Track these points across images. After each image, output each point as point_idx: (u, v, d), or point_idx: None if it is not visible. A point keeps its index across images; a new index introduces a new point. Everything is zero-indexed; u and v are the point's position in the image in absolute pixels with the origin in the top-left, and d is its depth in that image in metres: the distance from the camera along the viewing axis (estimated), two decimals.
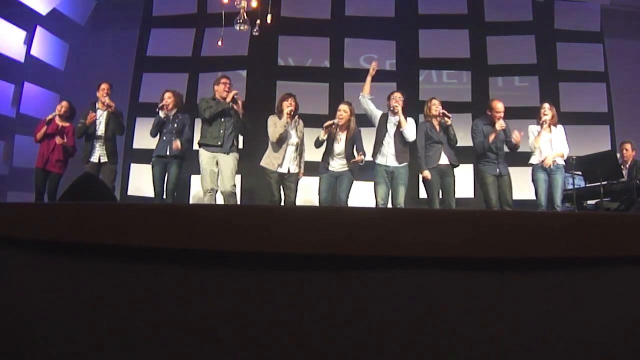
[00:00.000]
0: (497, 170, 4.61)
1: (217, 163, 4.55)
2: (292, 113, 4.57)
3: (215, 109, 4.55)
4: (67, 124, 5.18)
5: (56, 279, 1.11)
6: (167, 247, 1.04)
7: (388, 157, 4.61)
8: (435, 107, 4.66)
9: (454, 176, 4.64)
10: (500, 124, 4.59)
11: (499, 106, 4.67)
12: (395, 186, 4.59)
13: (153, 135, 4.87)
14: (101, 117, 4.96)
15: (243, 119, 4.67)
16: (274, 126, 4.56)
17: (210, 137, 4.56)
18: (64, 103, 5.24)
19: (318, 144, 4.66)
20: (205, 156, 4.57)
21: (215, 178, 4.57)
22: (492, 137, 4.60)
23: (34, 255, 1.13)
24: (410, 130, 4.64)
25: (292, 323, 0.99)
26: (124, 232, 1.06)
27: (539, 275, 1.00)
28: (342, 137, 4.65)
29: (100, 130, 4.94)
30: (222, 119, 4.60)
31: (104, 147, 4.93)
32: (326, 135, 4.58)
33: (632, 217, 1.05)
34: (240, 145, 5.02)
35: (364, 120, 4.90)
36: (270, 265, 1.02)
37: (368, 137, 4.91)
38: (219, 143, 4.55)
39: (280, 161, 4.55)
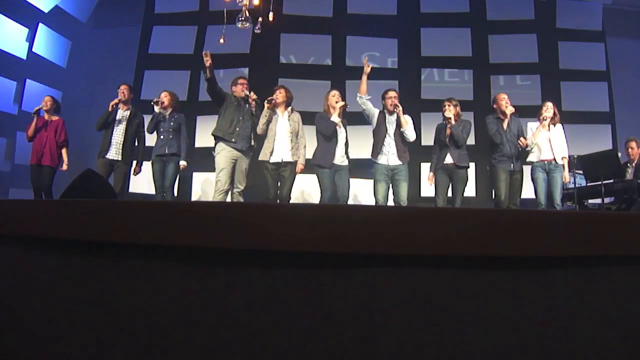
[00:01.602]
0: (512, 166, 4.63)
1: (235, 163, 4.57)
2: (272, 102, 4.52)
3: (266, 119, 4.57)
4: (55, 118, 5.18)
5: (56, 277, 1.11)
6: (169, 245, 1.04)
7: (390, 157, 4.60)
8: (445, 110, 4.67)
9: (464, 176, 4.63)
10: (510, 109, 4.67)
11: (502, 95, 4.83)
12: (397, 183, 4.58)
13: (150, 131, 4.94)
14: (123, 118, 4.96)
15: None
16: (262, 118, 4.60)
17: (239, 138, 4.57)
18: (47, 98, 5.25)
19: (330, 127, 4.55)
20: (225, 156, 4.54)
21: (231, 178, 4.58)
22: (505, 124, 4.69)
23: (35, 253, 1.13)
24: (410, 130, 4.64)
25: (294, 321, 0.99)
26: (125, 229, 1.06)
27: (538, 273, 1.01)
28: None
29: (120, 130, 4.94)
30: (242, 118, 4.62)
31: (120, 147, 4.91)
32: (340, 117, 4.53)
33: (632, 216, 1.05)
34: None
35: (361, 118, 4.90)
36: (271, 263, 1.02)
37: (367, 136, 4.92)
38: (244, 145, 4.59)
39: (270, 149, 4.53)
